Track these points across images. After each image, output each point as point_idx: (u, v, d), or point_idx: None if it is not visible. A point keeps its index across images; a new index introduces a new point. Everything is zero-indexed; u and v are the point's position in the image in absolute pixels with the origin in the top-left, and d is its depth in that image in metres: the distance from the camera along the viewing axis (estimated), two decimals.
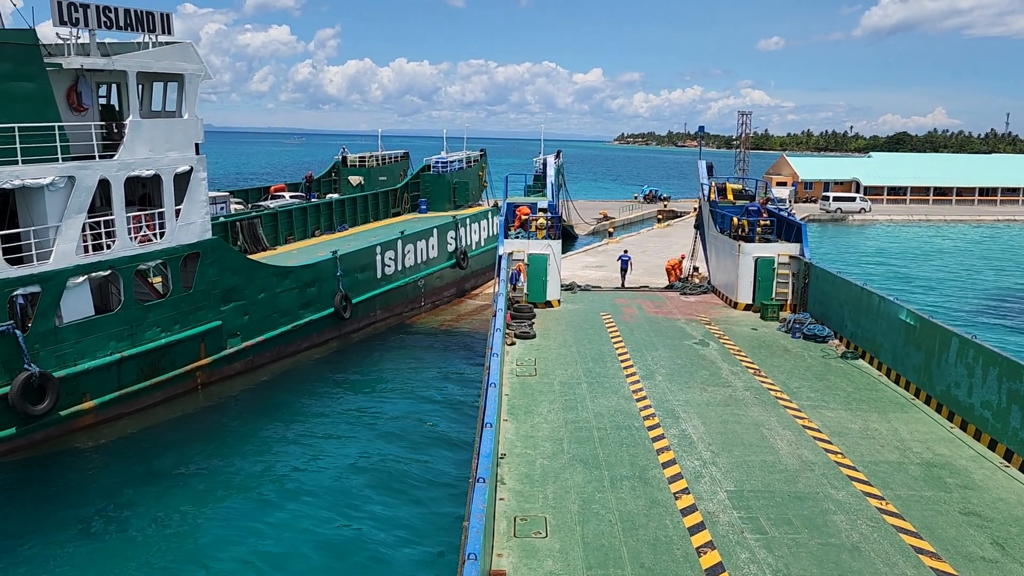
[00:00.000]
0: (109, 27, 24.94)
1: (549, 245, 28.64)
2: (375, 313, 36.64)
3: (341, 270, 33.27)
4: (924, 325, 19.11)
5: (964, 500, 13.78)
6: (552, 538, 12.10)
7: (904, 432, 16.98)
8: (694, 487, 13.97)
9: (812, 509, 13.26)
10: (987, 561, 11.78)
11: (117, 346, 24.12)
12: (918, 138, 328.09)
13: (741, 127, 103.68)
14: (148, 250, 25.44)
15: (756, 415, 17.72)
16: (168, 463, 22.16)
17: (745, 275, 28.65)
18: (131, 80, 25.20)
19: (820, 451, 15.74)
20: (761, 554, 11.79)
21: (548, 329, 25.08)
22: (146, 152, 25.53)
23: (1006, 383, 15.67)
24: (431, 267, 40.80)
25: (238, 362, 28.89)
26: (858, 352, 22.72)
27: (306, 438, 24.04)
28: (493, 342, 18.44)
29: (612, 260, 46.82)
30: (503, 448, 15.32)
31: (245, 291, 28.74)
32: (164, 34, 26.66)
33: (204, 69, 27.71)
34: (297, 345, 31.77)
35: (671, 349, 23.13)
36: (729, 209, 32.47)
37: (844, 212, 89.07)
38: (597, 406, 18.02)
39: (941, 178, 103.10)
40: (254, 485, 20.92)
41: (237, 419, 25.79)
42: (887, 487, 14.18)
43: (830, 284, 25.28)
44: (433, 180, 51.60)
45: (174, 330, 25.96)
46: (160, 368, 25.65)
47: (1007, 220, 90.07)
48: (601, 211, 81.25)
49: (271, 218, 39.17)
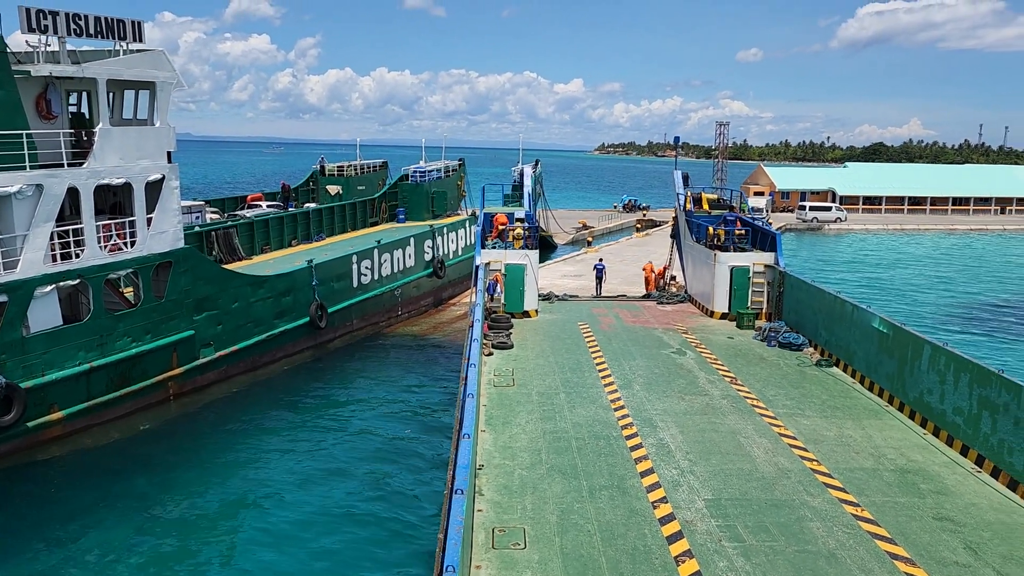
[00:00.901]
0: (79, 35, 24.67)
1: (526, 255, 28.61)
2: (351, 322, 36.39)
3: (316, 279, 33.03)
4: (897, 333, 19.24)
5: (937, 506, 13.88)
6: (531, 549, 12.03)
7: (878, 439, 17.09)
8: (672, 496, 13.96)
9: (789, 516, 13.30)
10: (960, 566, 11.87)
11: (86, 356, 23.74)
12: (894, 148, 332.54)
13: (719, 137, 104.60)
14: (118, 259, 25.10)
15: (733, 423, 17.75)
16: (139, 474, 21.81)
17: (721, 284, 28.76)
18: (101, 88, 24.91)
19: (796, 458, 15.80)
20: (739, 562, 11.81)
21: (526, 339, 25.00)
22: (116, 160, 25.23)
23: (977, 389, 15.81)
24: (408, 276, 40.62)
25: (211, 372, 28.53)
26: (832, 360, 22.83)
27: (280, 449, 23.75)
28: (470, 352, 18.35)
29: (590, 269, 46.85)
30: (481, 459, 15.24)
31: (218, 300, 28.43)
32: (135, 42, 26.40)
33: (176, 77, 27.46)
34: (272, 355, 31.46)
35: (648, 358, 23.14)
36: (705, 219, 32.62)
37: (820, 221, 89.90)
38: (575, 416, 17.97)
39: (915, 188, 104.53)
40: (227, 496, 20.64)
41: (210, 430, 25.44)
42: (862, 494, 14.26)
43: (804, 293, 25.42)
44: (411, 190, 51.46)
45: (145, 340, 25.60)
46: (131, 378, 25.26)
47: (979, 229, 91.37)
48: (580, 220, 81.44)
49: (247, 228, 38.84)
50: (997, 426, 15.12)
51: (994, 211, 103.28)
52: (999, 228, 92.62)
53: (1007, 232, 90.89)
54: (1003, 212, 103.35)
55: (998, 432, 15.10)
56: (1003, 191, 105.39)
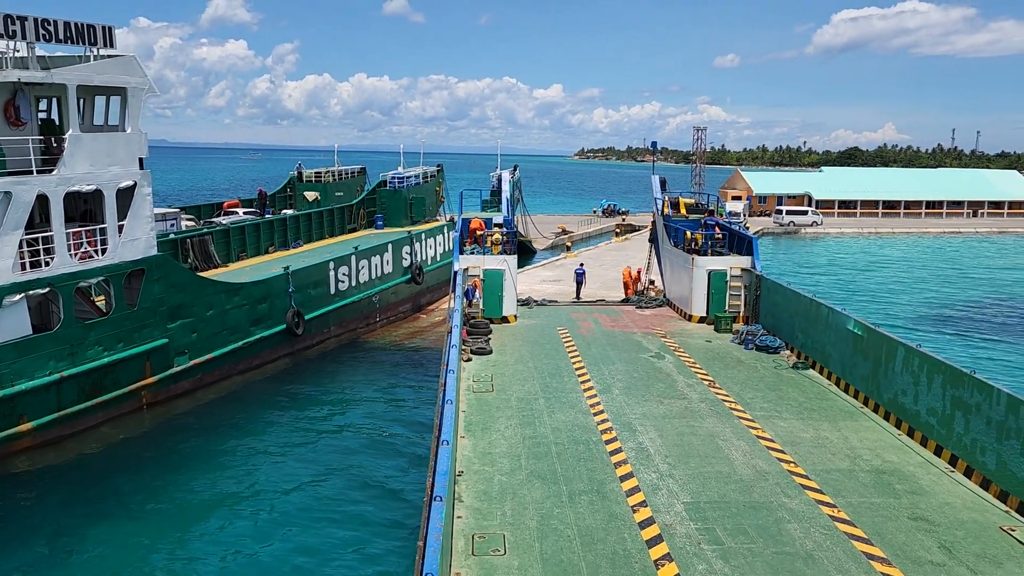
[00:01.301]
0: (48, 40, 24.31)
1: (505, 260, 28.55)
2: (329, 329, 36.14)
3: (293, 286, 32.77)
4: (871, 335, 19.39)
5: (912, 506, 13.98)
6: (511, 555, 11.98)
7: (854, 440, 17.20)
8: (651, 500, 13.98)
9: (767, 518, 13.36)
10: (935, 565, 11.96)
11: (56, 366, 23.36)
12: (869, 153, 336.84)
13: (697, 142, 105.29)
14: (89, 267, 24.74)
15: (711, 426, 17.80)
16: (112, 486, 21.50)
17: (699, 288, 28.86)
18: (71, 94, 24.58)
19: (774, 460, 15.87)
20: (718, 564, 11.83)
21: (504, 344, 24.93)
22: (87, 167, 24.88)
23: (950, 390, 15.95)
24: (386, 283, 40.41)
25: (186, 380, 28.20)
26: (809, 362, 22.95)
27: (256, 458, 23.49)
28: (449, 358, 18.27)
29: (569, 274, 46.89)
30: (460, 465, 15.17)
31: (193, 308, 28.10)
32: (106, 47, 26.05)
33: (148, 82, 27.16)
34: (248, 362, 31.15)
35: (627, 363, 23.16)
36: (683, 223, 32.74)
37: (797, 225, 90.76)
38: (554, 421, 17.94)
39: (890, 192, 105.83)
40: (202, 507, 20.38)
41: (185, 439, 25.12)
42: (839, 495, 14.35)
43: (781, 296, 25.56)
44: (389, 196, 51.24)
45: (117, 348, 25.24)
46: (103, 388, 24.89)
47: (952, 232, 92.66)
48: (560, 225, 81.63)
49: (223, 235, 38.45)
50: (970, 426, 15.25)
51: (966, 214, 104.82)
52: (972, 231, 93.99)
53: (979, 235, 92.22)
54: (975, 215, 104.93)
55: (971, 432, 15.23)
56: (975, 194, 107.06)
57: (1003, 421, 14.28)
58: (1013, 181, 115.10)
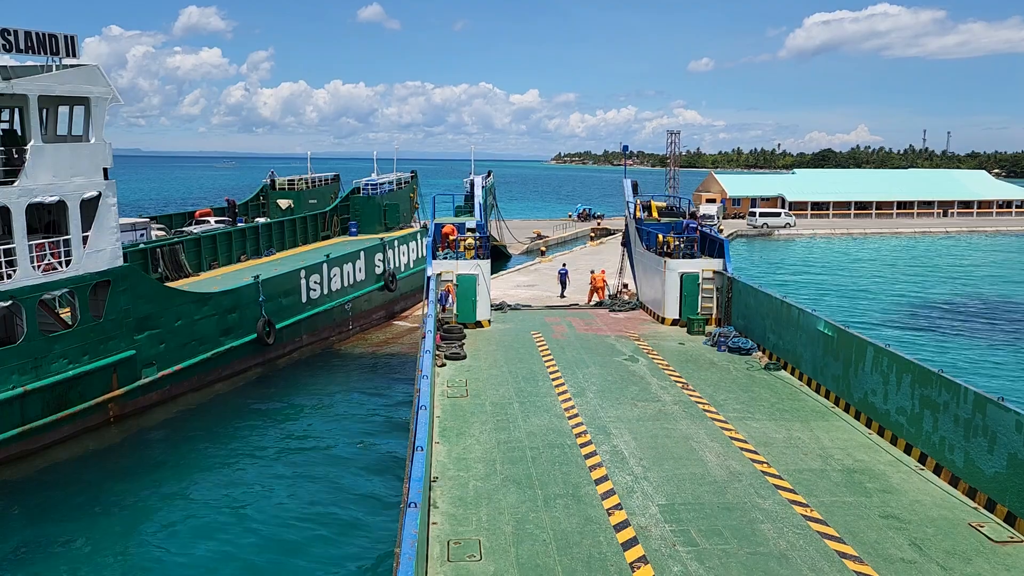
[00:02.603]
0: (8, 50, 23.87)
1: (478, 265, 28.44)
2: (300, 338, 35.79)
3: (263, 295, 32.41)
4: (841, 335, 19.50)
5: (883, 504, 14.07)
6: (487, 561, 11.92)
7: (826, 440, 17.28)
8: (626, 502, 13.96)
9: (741, 519, 13.39)
10: (906, 562, 12.05)
11: (20, 379, 22.90)
12: (842, 155, 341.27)
13: (670, 146, 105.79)
14: (53, 279, 24.30)
15: (685, 428, 17.80)
16: (78, 499, 21.10)
17: (671, 291, 28.91)
18: (32, 104, 24.18)
19: (747, 461, 15.90)
20: (693, 566, 11.83)
21: (479, 349, 24.82)
22: (49, 178, 24.47)
23: (918, 389, 16.07)
24: (358, 290, 40.11)
25: (154, 392, 27.77)
26: (780, 363, 23.05)
27: (228, 469, 23.16)
28: (423, 364, 18.18)
29: (543, 279, 47.00)
30: (435, 471, 15.08)
31: (160, 319, 27.70)
32: (68, 57, 25.63)
33: (112, 92, 26.77)
34: (218, 373, 30.75)
35: (601, 366, 23.13)
36: (655, 226, 32.81)
37: (771, 227, 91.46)
38: (529, 425, 17.88)
39: (862, 193, 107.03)
40: (172, 520, 20.02)
41: (153, 451, 24.75)
42: (811, 494, 14.40)
43: (752, 298, 25.66)
44: (363, 202, 50.98)
45: (83, 361, 24.80)
46: (68, 401, 24.44)
47: (922, 232, 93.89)
48: (535, 230, 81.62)
49: (194, 244, 38.02)
50: (938, 424, 15.36)
51: (937, 214, 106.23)
52: (942, 230, 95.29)
53: (949, 234, 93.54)
54: (945, 215, 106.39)
55: (939, 430, 15.34)
56: (945, 194, 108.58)
57: (970, 419, 14.40)
58: (982, 181, 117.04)
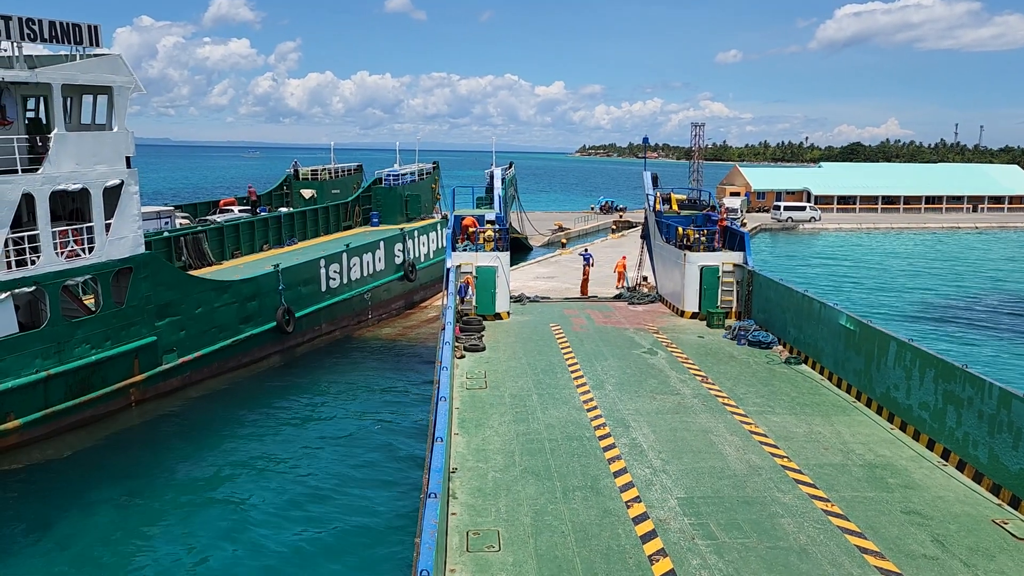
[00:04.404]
0: (33, 39, 24.12)
1: (497, 257, 28.40)
2: (320, 327, 35.96)
3: (283, 284, 32.59)
4: (863, 330, 19.25)
5: (905, 499, 13.91)
6: (505, 552, 11.93)
7: (847, 434, 17.10)
8: (645, 495, 13.91)
9: (760, 513, 13.29)
10: (928, 558, 11.91)
11: (43, 364, 23.22)
12: (871, 148, 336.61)
13: (695, 139, 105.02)
14: (75, 265, 24.59)
15: (704, 422, 17.69)
16: (99, 482, 21.38)
17: (691, 284, 28.68)
18: (56, 93, 24.43)
19: (767, 455, 15.77)
20: (712, 559, 11.77)
21: (498, 341, 24.80)
22: (73, 166, 24.73)
23: (942, 384, 15.83)
24: (378, 280, 40.23)
25: (175, 378, 28.05)
26: (801, 357, 22.81)
27: (247, 455, 23.35)
28: (442, 355, 18.18)
29: (563, 271, 46.76)
30: (454, 462, 15.11)
31: (181, 306, 27.95)
32: (92, 46, 25.87)
33: (134, 81, 27.00)
34: (237, 360, 30.99)
35: (620, 359, 23.02)
36: (675, 219, 32.52)
37: (795, 221, 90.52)
38: (548, 417, 17.84)
39: (889, 187, 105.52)
40: (193, 504, 20.25)
41: (173, 436, 25.01)
42: (832, 489, 14.27)
43: (773, 291, 25.39)
44: (385, 193, 51.11)
45: (105, 346, 25.09)
46: (91, 386, 24.75)
47: (951, 227, 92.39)
48: (556, 222, 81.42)
49: (217, 233, 38.33)
50: (962, 420, 15.13)
51: (966, 209, 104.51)
52: (971, 226, 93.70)
53: (979, 229, 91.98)
54: (975, 210, 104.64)
55: (963, 426, 15.11)
56: (975, 189, 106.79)
57: (995, 415, 14.16)
58: (1014, 176, 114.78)
